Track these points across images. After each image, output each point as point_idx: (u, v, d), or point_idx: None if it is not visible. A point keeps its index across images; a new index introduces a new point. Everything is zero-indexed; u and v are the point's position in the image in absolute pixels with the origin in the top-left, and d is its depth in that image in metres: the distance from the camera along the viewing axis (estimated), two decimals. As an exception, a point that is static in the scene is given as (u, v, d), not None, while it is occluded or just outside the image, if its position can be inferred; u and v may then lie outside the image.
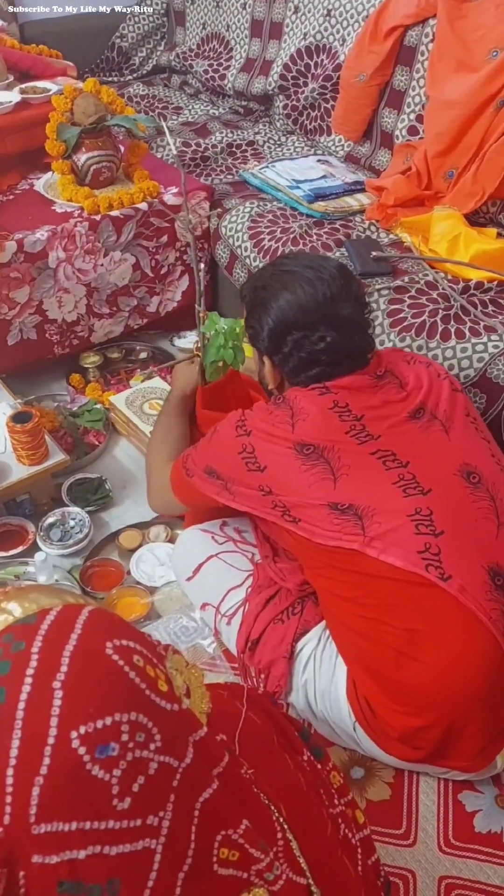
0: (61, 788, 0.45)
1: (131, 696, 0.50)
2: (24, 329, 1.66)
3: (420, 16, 1.74)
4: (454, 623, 0.86)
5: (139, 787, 0.48)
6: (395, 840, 1.02)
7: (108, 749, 0.46)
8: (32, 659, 0.47)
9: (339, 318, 0.95)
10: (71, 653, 0.48)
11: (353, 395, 0.96)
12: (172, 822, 0.50)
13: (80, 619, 0.51)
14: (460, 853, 1.01)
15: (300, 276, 0.97)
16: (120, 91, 2.32)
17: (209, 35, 2.36)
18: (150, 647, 0.55)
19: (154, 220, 1.71)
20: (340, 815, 0.80)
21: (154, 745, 0.50)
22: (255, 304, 1.01)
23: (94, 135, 1.66)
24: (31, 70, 1.96)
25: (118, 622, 0.55)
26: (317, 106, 2.05)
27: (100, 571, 1.40)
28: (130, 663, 0.51)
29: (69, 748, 0.45)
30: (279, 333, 0.97)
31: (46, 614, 0.51)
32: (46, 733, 0.45)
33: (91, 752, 0.46)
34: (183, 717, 0.55)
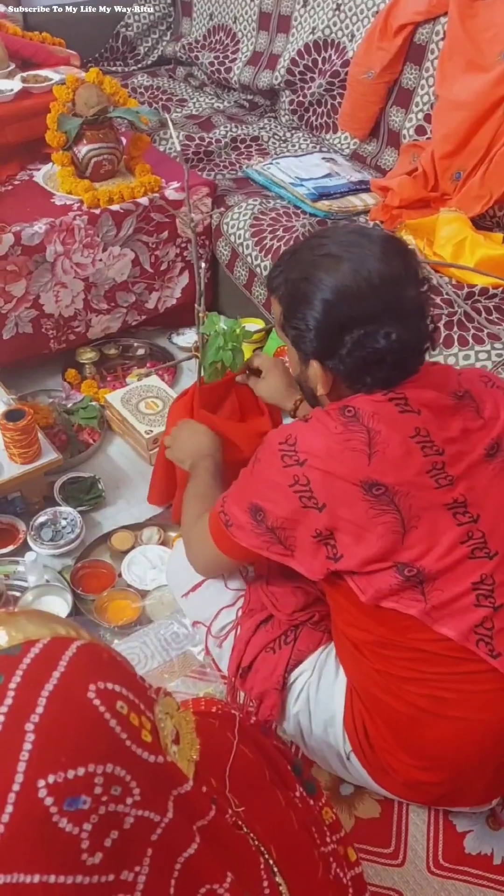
0: (23, 838, 0.43)
1: (109, 747, 0.47)
2: (19, 323, 1.63)
3: (431, 13, 1.70)
4: (487, 696, 0.82)
5: (112, 843, 0.45)
6: (384, 859, 1.00)
7: (77, 802, 0.44)
8: (8, 696, 0.45)
9: (403, 305, 0.79)
10: (50, 693, 0.46)
11: (435, 417, 0.81)
12: (150, 876, 0.48)
13: (65, 655, 0.48)
14: (450, 875, 0.99)
15: (345, 258, 0.79)
16: (124, 81, 2.28)
17: (216, 26, 2.32)
18: (138, 692, 0.52)
19: (155, 215, 1.68)
20: (332, 854, 0.78)
21: (131, 800, 0.47)
22: (295, 300, 0.83)
23: (95, 126, 1.62)
24: (33, 58, 1.92)
25: (107, 661, 0.52)
26: (323, 102, 2.02)
27: (91, 573, 1.38)
28: (112, 710, 0.48)
29: (35, 797, 0.43)
30: (333, 333, 0.80)
31: (32, 646, 0.48)
32: (12, 779, 0.43)
33: (59, 803, 0.43)
34: (166, 771, 0.52)
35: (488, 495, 0.83)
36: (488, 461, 0.84)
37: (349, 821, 1.02)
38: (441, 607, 0.79)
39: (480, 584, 0.80)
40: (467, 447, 0.83)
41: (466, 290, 1.46)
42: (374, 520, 0.78)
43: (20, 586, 1.33)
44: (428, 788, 0.90)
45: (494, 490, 0.83)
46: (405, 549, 0.79)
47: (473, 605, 0.79)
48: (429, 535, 0.79)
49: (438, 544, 0.79)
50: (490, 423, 0.86)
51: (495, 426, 0.86)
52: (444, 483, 0.80)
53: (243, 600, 1.05)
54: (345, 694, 0.94)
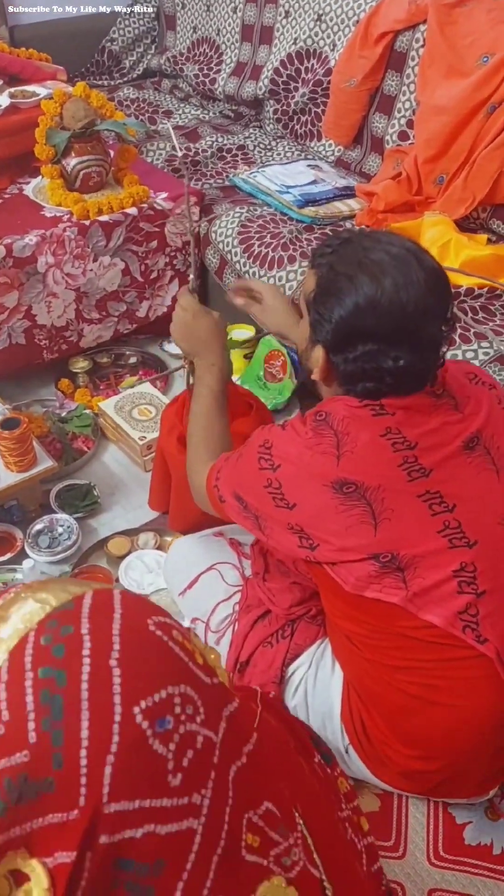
0: (129, 766, 0.46)
1: (179, 670, 0.51)
2: (12, 334, 1.65)
3: (411, 21, 1.74)
4: (477, 682, 0.83)
5: (188, 762, 0.48)
6: (385, 852, 1.01)
7: (165, 722, 0.47)
8: (85, 640, 0.48)
9: (422, 337, 0.80)
10: (119, 630, 0.49)
11: (409, 416, 0.83)
12: (212, 800, 0.51)
13: (115, 599, 0.52)
14: (450, 866, 1.00)
15: (391, 273, 0.79)
16: (110, 95, 2.31)
17: (200, 39, 2.35)
18: (179, 624, 0.56)
19: (144, 224, 1.71)
20: (348, 820, 0.80)
21: (200, 718, 0.50)
22: (330, 289, 0.82)
23: (83, 139, 1.65)
24: (20, 74, 1.95)
25: (147, 601, 0.56)
26: (307, 111, 2.05)
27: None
28: (172, 638, 0.52)
29: (134, 724, 0.46)
30: (348, 336, 0.82)
31: (82, 599, 0.51)
32: (112, 711, 0.46)
33: (152, 726, 0.47)
34: (218, 691, 0.56)
35: (466, 486, 0.84)
36: (467, 453, 0.85)
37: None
38: (423, 594, 0.81)
39: (461, 572, 0.81)
40: (444, 439, 0.84)
41: (452, 291, 1.49)
42: (344, 514, 0.81)
43: (18, 594, 1.34)
44: (424, 777, 0.91)
45: (473, 480, 0.84)
46: (378, 541, 0.81)
47: (456, 591, 0.81)
48: (402, 525, 0.81)
49: (413, 534, 0.81)
50: (470, 417, 0.87)
51: (475, 420, 0.87)
52: (417, 475, 0.82)
53: (240, 595, 1.06)
54: (341, 687, 0.95)
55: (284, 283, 1.59)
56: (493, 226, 1.68)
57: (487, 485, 0.85)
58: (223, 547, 1.15)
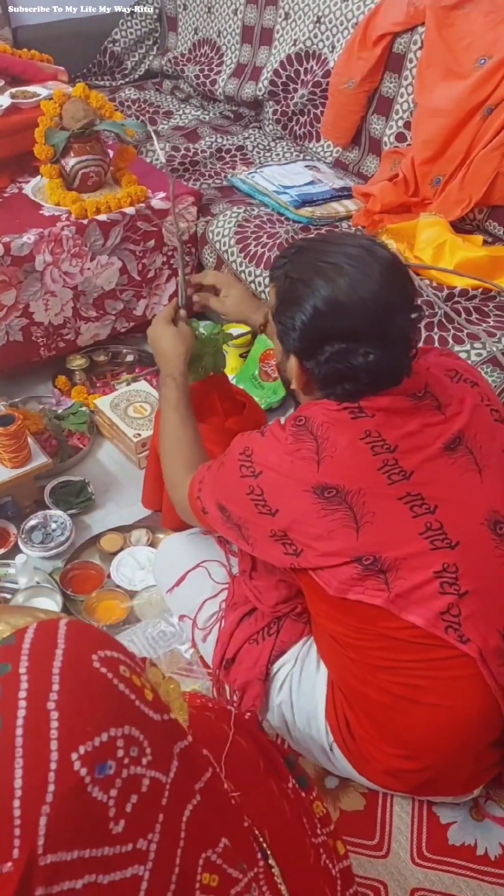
0: (66, 815, 0.43)
1: (123, 710, 0.48)
2: (10, 331, 1.66)
3: (409, 23, 1.74)
4: (460, 682, 0.83)
5: (132, 808, 0.46)
6: (368, 851, 1.01)
7: (105, 768, 0.45)
8: (22, 681, 0.46)
9: (389, 331, 0.80)
10: (60, 669, 0.47)
11: (389, 418, 0.83)
12: (160, 844, 0.49)
13: (59, 632, 0.50)
14: (433, 865, 1.00)
15: (347, 272, 0.79)
16: (112, 95, 2.33)
17: (201, 40, 2.37)
18: (130, 656, 0.54)
19: (141, 224, 1.72)
20: (322, 846, 0.79)
21: (146, 760, 0.48)
22: (289, 298, 0.84)
23: (82, 139, 1.66)
24: (21, 74, 1.96)
25: (96, 632, 0.53)
26: (306, 112, 2.06)
27: (80, 574, 1.40)
28: (118, 674, 0.49)
29: (71, 771, 0.44)
30: (315, 340, 0.82)
31: (24, 633, 0.49)
32: (48, 758, 0.44)
33: (91, 772, 0.44)
34: (169, 727, 0.54)
35: (448, 487, 0.84)
36: (448, 454, 0.85)
37: (334, 813, 1.03)
38: (405, 595, 0.81)
39: (443, 573, 0.81)
40: (424, 441, 0.84)
41: (446, 292, 1.49)
42: (326, 518, 0.81)
43: (11, 588, 1.35)
44: (409, 776, 0.91)
45: (454, 482, 0.84)
46: (361, 544, 0.80)
47: (438, 592, 0.81)
48: (384, 528, 0.81)
49: (395, 536, 0.81)
50: (452, 418, 0.87)
51: (458, 420, 0.87)
52: (398, 478, 0.82)
53: (227, 593, 1.07)
54: (326, 685, 0.96)
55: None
56: (489, 227, 1.69)
57: (470, 485, 0.85)
58: (211, 545, 1.16)
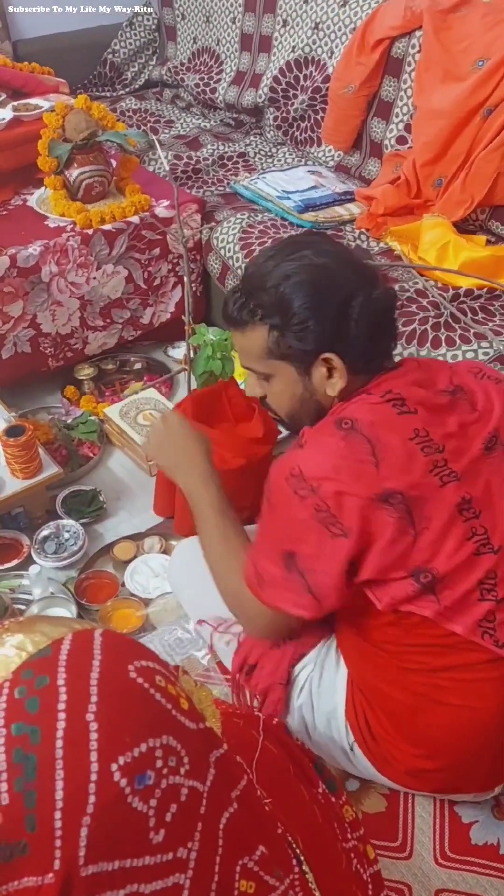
0: (107, 826, 0.44)
1: (161, 720, 0.48)
2: (18, 342, 1.67)
3: (406, 27, 1.75)
4: (485, 684, 0.83)
5: (171, 817, 0.47)
6: (391, 853, 1.01)
7: (145, 778, 0.45)
8: (61, 692, 0.46)
9: (364, 270, 0.84)
10: (97, 680, 0.47)
11: (431, 415, 0.81)
12: (199, 853, 0.49)
13: (95, 644, 0.49)
14: (457, 866, 1.00)
15: (298, 253, 0.83)
16: (112, 106, 2.35)
17: (200, 49, 2.38)
18: (164, 664, 0.54)
19: (146, 233, 1.73)
20: (353, 850, 0.79)
21: (184, 769, 0.48)
22: (283, 304, 0.82)
23: (85, 150, 1.67)
24: (23, 88, 1.98)
25: (131, 642, 0.53)
26: (306, 117, 2.07)
27: (94, 584, 1.40)
28: (154, 684, 0.49)
29: (112, 782, 0.44)
30: (336, 310, 0.80)
31: (60, 644, 0.49)
32: (88, 769, 0.44)
33: (131, 783, 0.45)
34: (205, 736, 0.54)
35: (489, 490, 0.82)
36: (487, 455, 0.83)
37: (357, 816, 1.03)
38: (452, 606, 0.79)
39: (485, 580, 0.80)
40: (465, 442, 0.82)
41: (452, 292, 1.50)
42: (391, 527, 0.76)
43: (25, 599, 1.36)
44: (430, 776, 0.91)
45: (495, 485, 0.83)
46: (417, 552, 0.78)
47: (478, 599, 0.80)
48: (438, 535, 0.78)
49: (447, 543, 0.79)
50: (485, 415, 0.85)
51: (490, 419, 0.85)
52: (448, 480, 0.79)
53: None
54: (346, 686, 0.96)
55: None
56: (492, 227, 1.69)
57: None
58: None
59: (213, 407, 1.32)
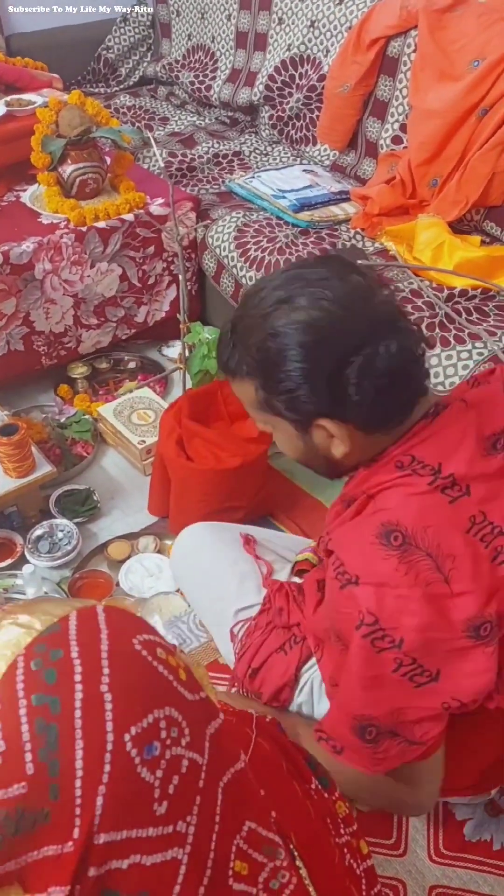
0: (119, 795, 0.45)
1: (164, 690, 0.50)
2: (11, 341, 1.66)
3: (402, 27, 1.75)
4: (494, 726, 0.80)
5: (174, 789, 0.48)
6: (386, 850, 1.01)
7: (152, 749, 0.46)
8: (76, 664, 0.47)
9: (380, 313, 0.69)
10: (108, 653, 0.48)
11: (486, 488, 0.69)
12: (197, 827, 0.50)
13: (100, 619, 0.51)
14: (451, 862, 1.01)
15: (295, 294, 0.70)
16: (106, 102, 2.33)
17: (195, 46, 2.37)
18: (163, 638, 0.55)
19: (140, 230, 1.72)
20: (346, 845, 0.79)
21: (185, 741, 0.49)
22: (269, 362, 0.70)
23: (79, 146, 1.66)
24: (16, 83, 1.97)
25: (132, 616, 0.54)
26: (302, 116, 2.07)
27: (89, 583, 1.40)
28: (156, 656, 0.50)
29: (125, 752, 0.45)
30: (330, 374, 0.68)
31: (67, 621, 0.50)
32: (105, 739, 0.45)
33: (141, 753, 0.46)
34: (203, 706, 0.54)
35: None
36: None
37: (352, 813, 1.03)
38: None
39: None
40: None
41: (446, 293, 1.50)
42: (490, 658, 0.67)
43: (19, 599, 1.35)
44: None
45: None
46: None
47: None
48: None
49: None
50: None
51: None
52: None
53: (260, 605, 1.05)
54: None
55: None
56: (487, 227, 1.70)
57: None
58: (233, 536, 1.13)
59: (208, 406, 1.32)
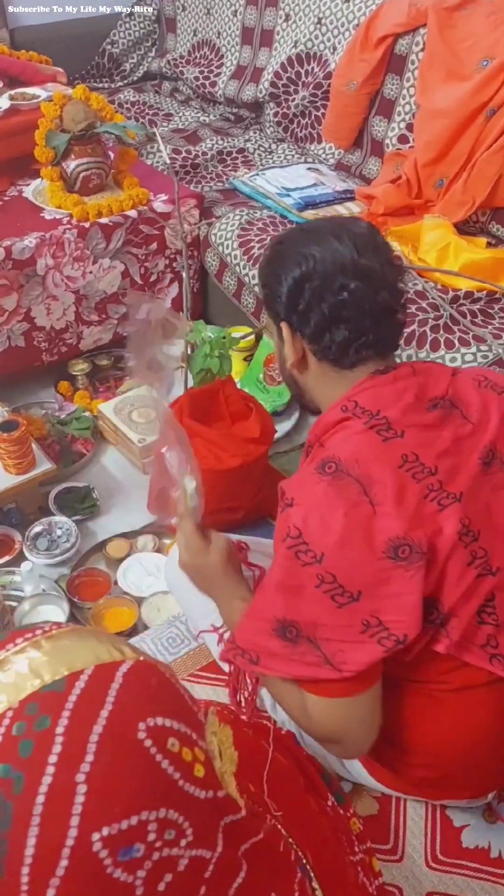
0: (79, 890, 0.41)
1: (163, 791, 0.44)
2: (12, 336, 1.65)
3: (410, 25, 1.74)
4: (484, 700, 0.81)
5: (166, 885, 0.43)
6: (383, 855, 1.00)
7: (132, 851, 0.41)
8: (56, 743, 0.42)
9: (361, 268, 0.79)
10: (99, 737, 0.43)
11: (420, 435, 0.76)
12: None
13: (112, 687, 0.45)
14: (448, 869, 1.00)
15: (326, 229, 0.83)
16: (110, 97, 2.32)
17: (200, 42, 2.36)
18: (188, 719, 0.48)
19: (143, 227, 1.71)
20: (360, 863, 0.77)
21: (185, 841, 0.44)
22: (271, 258, 0.86)
23: (83, 142, 1.65)
24: (20, 76, 1.95)
25: (156, 687, 0.47)
26: (307, 114, 2.06)
27: (87, 581, 1.39)
28: (164, 749, 0.44)
29: (89, 852, 0.41)
30: (297, 285, 0.81)
31: (76, 680, 0.44)
32: (65, 833, 0.41)
33: (113, 855, 0.41)
34: (218, 804, 0.49)
35: (488, 510, 0.77)
36: (484, 471, 0.78)
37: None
38: (461, 638, 0.75)
39: (485, 605, 0.76)
40: (461, 459, 0.77)
41: (451, 294, 1.49)
42: (410, 581, 0.70)
43: (17, 596, 1.34)
44: (423, 783, 0.91)
45: (492, 505, 0.78)
46: (429, 593, 0.73)
47: (478, 623, 0.76)
48: (441, 568, 0.73)
49: (450, 574, 0.74)
50: (479, 427, 0.80)
51: (486, 431, 0.80)
52: (447, 503, 0.74)
53: None
54: None
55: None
56: (493, 229, 1.68)
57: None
58: None
59: (209, 405, 1.31)
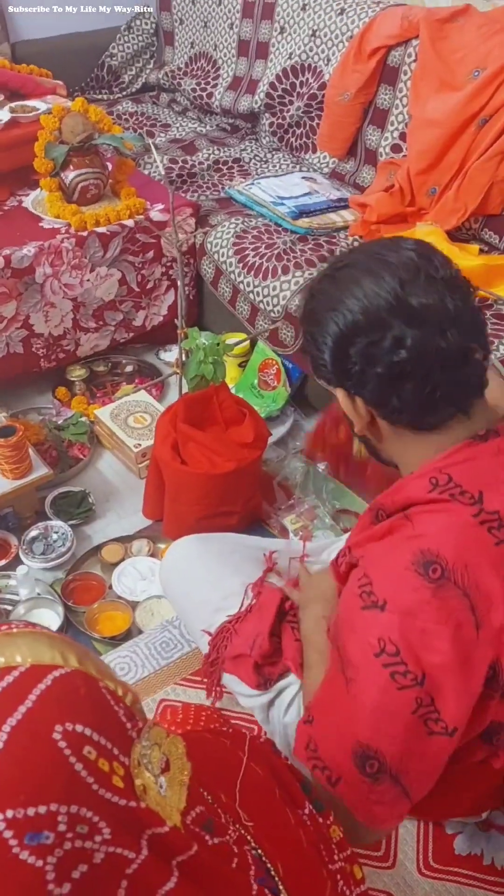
0: None
1: (73, 789, 0.45)
2: (10, 343, 1.67)
3: (403, 36, 1.77)
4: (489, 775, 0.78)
5: (80, 875, 0.44)
6: (374, 862, 1.01)
7: (40, 837, 0.43)
8: None
9: (413, 310, 0.65)
10: (12, 728, 0.44)
11: None
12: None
13: (37, 688, 0.46)
14: (440, 876, 1.00)
15: (361, 267, 0.68)
16: (109, 109, 2.35)
17: (197, 54, 2.39)
18: (112, 734, 0.49)
19: (140, 236, 1.73)
20: (339, 871, 0.77)
21: (100, 838, 0.46)
22: (308, 321, 0.73)
23: (81, 153, 1.68)
24: (21, 89, 1.99)
25: (83, 698, 0.48)
26: (302, 124, 2.08)
27: (82, 585, 1.40)
28: (79, 754, 0.46)
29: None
30: (339, 349, 0.69)
31: (7, 674, 0.46)
32: None
33: (19, 836, 0.42)
34: (138, 815, 0.50)
35: None
36: None
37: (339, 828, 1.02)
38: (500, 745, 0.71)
39: None
40: None
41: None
42: (497, 708, 0.65)
43: (12, 600, 1.35)
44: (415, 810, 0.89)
45: None
46: None
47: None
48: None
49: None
50: None
51: None
52: None
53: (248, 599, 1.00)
54: None
55: (278, 293, 1.61)
56: (485, 236, 1.70)
57: None
58: (223, 549, 1.09)
59: (203, 411, 1.32)
